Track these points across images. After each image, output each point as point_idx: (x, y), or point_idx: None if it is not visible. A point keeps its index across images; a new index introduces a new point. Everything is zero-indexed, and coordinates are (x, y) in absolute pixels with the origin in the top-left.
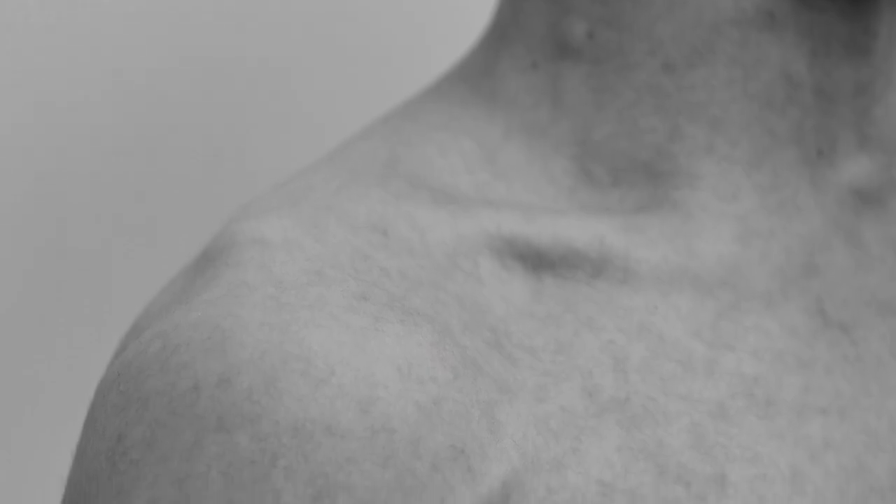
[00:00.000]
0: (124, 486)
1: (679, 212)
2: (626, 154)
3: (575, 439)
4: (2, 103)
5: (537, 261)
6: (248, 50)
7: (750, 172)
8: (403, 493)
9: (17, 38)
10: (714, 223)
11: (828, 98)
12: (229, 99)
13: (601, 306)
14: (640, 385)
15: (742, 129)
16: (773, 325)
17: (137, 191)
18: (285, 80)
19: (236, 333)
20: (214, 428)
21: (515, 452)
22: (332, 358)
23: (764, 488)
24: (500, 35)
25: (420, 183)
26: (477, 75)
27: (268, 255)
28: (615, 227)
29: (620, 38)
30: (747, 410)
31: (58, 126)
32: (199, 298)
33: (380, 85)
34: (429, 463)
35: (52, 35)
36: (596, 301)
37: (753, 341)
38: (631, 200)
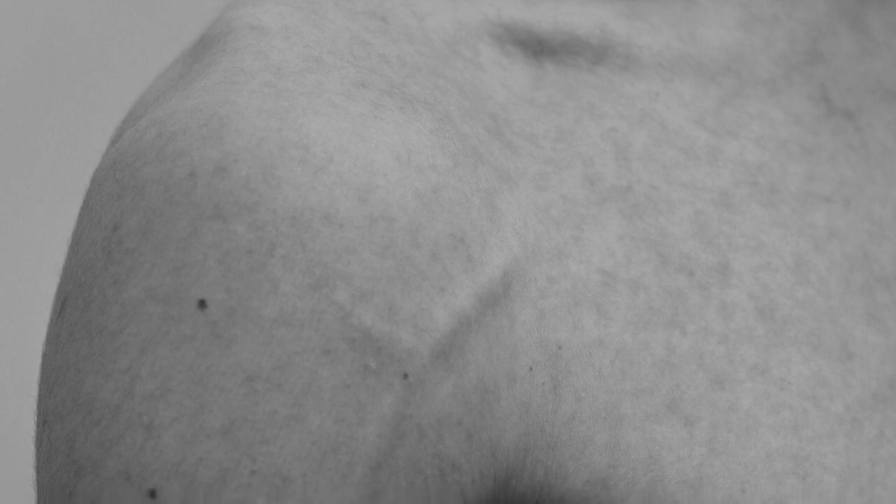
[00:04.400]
0: (120, 276)
1: None
2: None
3: (576, 228)
4: None
5: (538, 47)
6: None
7: None
8: (403, 283)
9: None
10: (717, 9)
11: None
12: None
13: (603, 93)
14: (642, 173)
15: None
16: (776, 112)
17: None
18: None
19: (233, 120)
20: (211, 216)
21: (516, 241)
22: (331, 145)
23: (767, 277)
24: None
25: None
26: None
27: (265, 42)
28: (617, 13)
29: None
30: (751, 199)
31: None
32: (196, 86)
33: None
34: (428, 252)
35: None
36: (597, 88)
37: (757, 129)
38: None
